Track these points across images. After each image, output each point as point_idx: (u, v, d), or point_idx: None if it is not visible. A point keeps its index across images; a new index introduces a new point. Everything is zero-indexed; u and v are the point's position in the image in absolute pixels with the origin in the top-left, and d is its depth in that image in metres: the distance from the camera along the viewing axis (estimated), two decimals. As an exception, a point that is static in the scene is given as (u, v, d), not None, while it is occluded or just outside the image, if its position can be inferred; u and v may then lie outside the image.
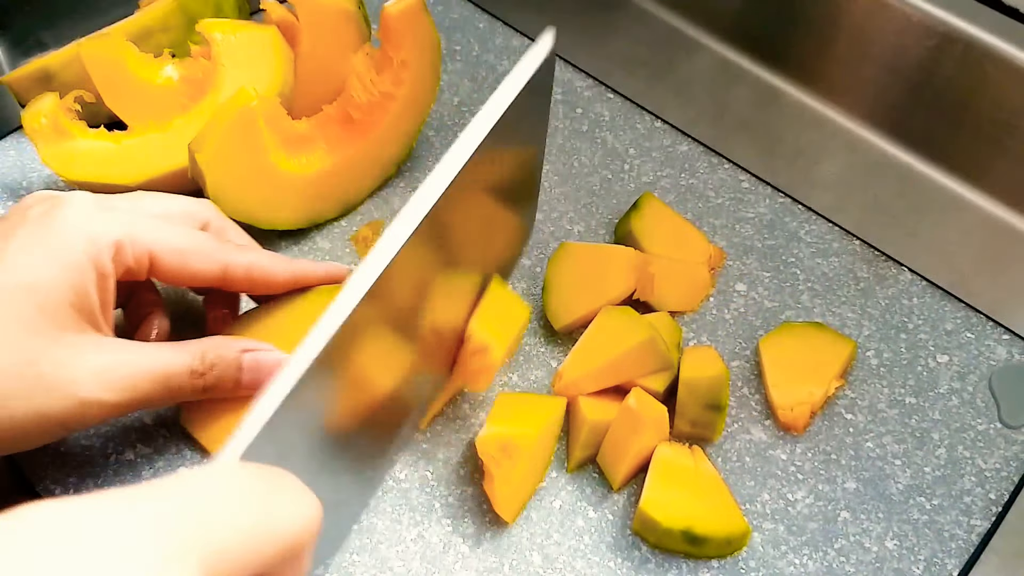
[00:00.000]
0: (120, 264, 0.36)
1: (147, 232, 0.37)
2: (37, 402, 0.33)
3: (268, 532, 0.22)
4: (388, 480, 0.44)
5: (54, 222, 0.35)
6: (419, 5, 0.50)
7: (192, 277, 0.39)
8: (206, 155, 0.45)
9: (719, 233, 0.54)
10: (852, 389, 0.48)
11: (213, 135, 0.45)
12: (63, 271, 0.34)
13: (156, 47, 0.53)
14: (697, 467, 0.43)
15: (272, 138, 0.48)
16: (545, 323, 0.49)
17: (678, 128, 0.59)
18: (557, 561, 0.42)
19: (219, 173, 0.46)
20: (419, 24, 0.50)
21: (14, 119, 0.55)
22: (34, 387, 0.33)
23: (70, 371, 0.34)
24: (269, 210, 0.49)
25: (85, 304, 0.35)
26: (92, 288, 0.35)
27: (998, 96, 0.53)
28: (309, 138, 0.51)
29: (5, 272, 0.33)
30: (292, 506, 0.23)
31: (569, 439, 0.45)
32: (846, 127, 0.60)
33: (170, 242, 0.38)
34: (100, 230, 0.35)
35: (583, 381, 0.44)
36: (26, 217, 0.35)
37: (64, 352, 0.34)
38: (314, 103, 0.52)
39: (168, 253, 0.38)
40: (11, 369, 0.33)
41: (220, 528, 0.21)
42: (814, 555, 0.42)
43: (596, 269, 0.48)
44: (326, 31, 0.53)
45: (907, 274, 0.53)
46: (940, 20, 0.53)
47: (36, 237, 0.34)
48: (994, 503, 0.44)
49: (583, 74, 0.61)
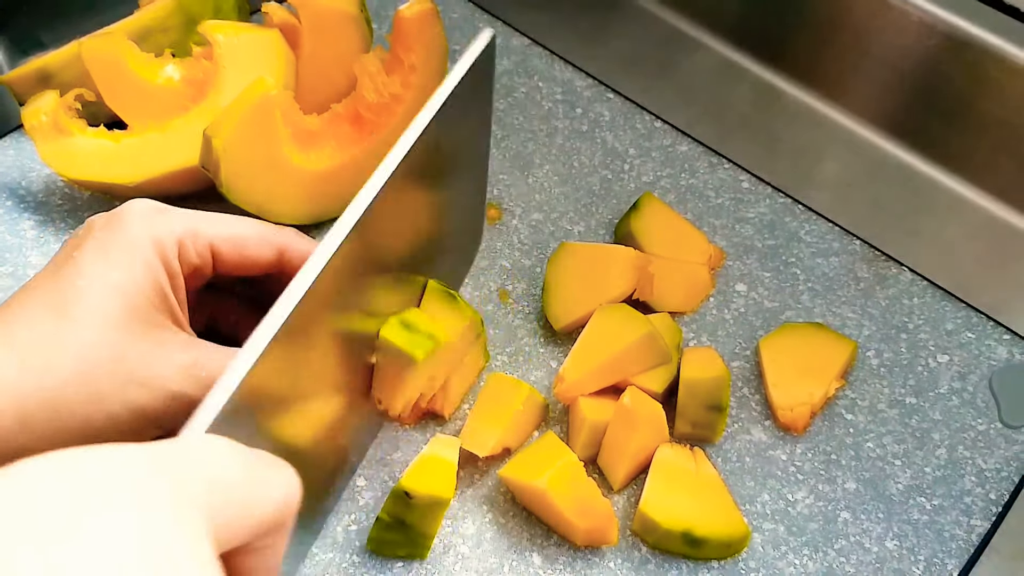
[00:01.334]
0: (186, 263, 0.37)
1: (207, 226, 0.38)
2: (131, 397, 0.34)
3: (259, 496, 0.23)
4: (388, 482, 0.44)
5: (120, 227, 0.35)
6: (433, 11, 0.51)
7: (252, 264, 0.39)
8: (222, 140, 0.44)
9: (719, 233, 0.54)
10: (852, 389, 0.48)
11: (231, 121, 0.44)
12: (140, 270, 0.35)
13: (156, 47, 0.52)
14: (698, 469, 0.43)
15: (285, 131, 0.48)
16: (545, 323, 0.49)
17: (678, 128, 0.59)
18: (557, 562, 0.42)
19: (234, 160, 0.45)
20: (431, 29, 0.51)
21: (14, 118, 0.55)
22: (127, 383, 0.34)
23: (160, 367, 0.34)
24: (279, 202, 0.49)
25: (165, 303, 0.36)
26: (167, 287, 0.36)
27: (999, 95, 0.53)
28: (319, 134, 0.51)
29: (83, 278, 0.34)
30: (275, 476, 0.24)
31: (569, 440, 0.45)
32: (847, 127, 0.60)
33: (230, 231, 0.38)
34: (163, 230, 0.36)
35: (584, 382, 0.44)
36: (91, 229, 0.36)
37: (152, 348, 0.34)
38: (315, 106, 0.52)
39: (228, 244, 0.38)
40: (104, 366, 0.33)
41: (221, 485, 0.21)
42: (814, 555, 0.42)
43: (596, 270, 0.48)
44: (328, 34, 0.52)
45: (907, 274, 0.52)
46: (941, 20, 0.53)
47: (107, 243, 0.35)
48: (994, 503, 0.44)
49: (583, 74, 0.61)
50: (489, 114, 0.45)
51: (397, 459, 0.44)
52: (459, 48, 0.63)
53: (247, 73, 0.49)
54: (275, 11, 0.52)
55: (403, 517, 0.40)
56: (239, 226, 0.39)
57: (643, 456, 0.43)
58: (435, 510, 0.40)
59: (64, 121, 0.48)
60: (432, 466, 0.40)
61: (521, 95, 0.60)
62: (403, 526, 0.40)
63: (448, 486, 0.40)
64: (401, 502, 0.39)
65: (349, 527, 0.42)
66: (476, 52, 0.39)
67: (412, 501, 0.39)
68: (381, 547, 0.41)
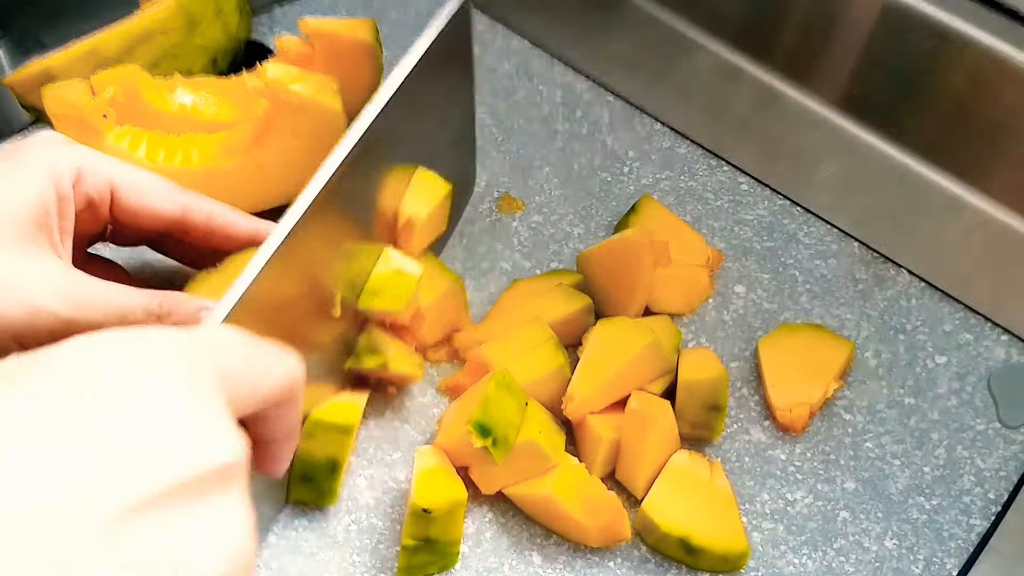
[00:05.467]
0: (81, 193, 0.37)
1: (109, 164, 0.39)
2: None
3: (263, 372, 0.26)
4: (388, 482, 0.44)
5: (21, 147, 0.37)
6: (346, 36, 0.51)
7: (152, 215, 0.39)
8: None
9: (718, 235, 0.54)
10: (851, 390, 0.48)
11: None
12: (23, 185, 0.35)
13: (156, 48, 0.53)
14: (712, 480, 0.43)
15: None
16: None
17: (677, 130, 0.59)
18: (557, 561, 0.42)
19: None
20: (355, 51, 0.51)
21: (16, 120, 0.55)
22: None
23: (24, 277, 0.35)
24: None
25: (45, 222, 0.36)
26: (52, 208, 0.36)
27: (997, 97, 0.53)
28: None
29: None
30: (280, 356, 0.27)
31: (584, 460, 0.44)
32: (845, 129, 0.60)
33: (131, 176, 0.39)
34: (62, 156, 0.37)
35: (594, 399, 0.43)
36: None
37: (20, 259, 0.35)
38: None
39: (129, 185, 0.39)
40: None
41: (232, 360, 0.25)
42: (813, 555, 0.42)
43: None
44: (343, 64, 0.52)
45: (906, 275, 0.53)
46: (939, 21, 0.54)
47: (5, 156, 0.37)
48: (993, 503, 0.44)
49: (582, 76, 0.62)
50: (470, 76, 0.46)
51: (397, 459, 0.44)
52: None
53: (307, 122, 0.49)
54: (290, 44, 0.52)
55: (427, 534, 0.40)
56: (144, 175, 0.40)
57: (661, 459, 0.43)
58: (455, 514, 0.40)
59: (94, 119, 0.48)
60: (434, 477, 0.40)
61: (521, 98, 0.60)
62: (429, 543, 0.40)
63: (458, 487, 0.40)
64: (422, 520, 0.39)
65: (349, 527, 0.42)
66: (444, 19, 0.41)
67: (432, 515, 0.39)
68: (413, 573, 0.41)
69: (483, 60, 0.63)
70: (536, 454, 0.41)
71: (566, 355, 0.45)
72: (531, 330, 0.45)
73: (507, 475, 0.42)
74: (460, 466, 0.42)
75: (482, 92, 0.61)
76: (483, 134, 0.58)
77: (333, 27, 0.52)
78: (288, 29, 0.63)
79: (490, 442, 0.39)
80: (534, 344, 0.44)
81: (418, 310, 0.45)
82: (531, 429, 0.41)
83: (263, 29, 0.62)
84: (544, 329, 0.45)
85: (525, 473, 0.42)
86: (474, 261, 0.52)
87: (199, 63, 0.56)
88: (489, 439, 0.39)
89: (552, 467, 0.42)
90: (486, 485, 0.42)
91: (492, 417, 0.39)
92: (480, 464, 0.42)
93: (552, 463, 0.41)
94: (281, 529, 0.42)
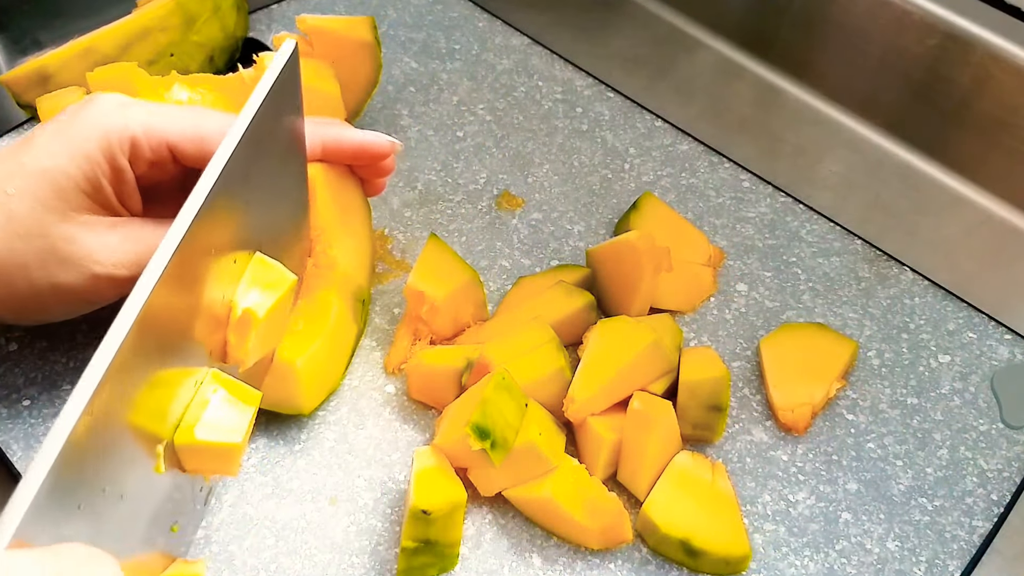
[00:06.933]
0: (139, 160, 0.38)
1: (163, 123, 0.39)
2: (52, 272, 0.37)
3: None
4: (387, 483, 0.44)
5: (76, 118, 0.38)
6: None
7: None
8: None
9: (720, 233, 0.54)
10: (853, 390, 0.48)
11: None
12: (76, 160, 0.37)
13: (154, 46, 0.52)
14: (714, 482, 0.42)
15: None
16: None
17: (678, 127, 0.59)
18: (557, 562, 0.41)
19: None
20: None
21: (12, 118, 0.55)
22: (47, 259, 0.37)
23: (81, 247, 0.37)
24: None
25: (99, 195, 0.38)
26: (105, 181, 0.38)
27: (999, 94, 0.53)
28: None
29: (29, 156, 0.37)
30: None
31: (585, 462, 0.43)
32: (847, 126, 0.60)
33: (186, 130, 0.39)
34: (116, 128, 0.38)
35: (595, 400, 0.43)
36: (61, 114, 0.39)
37: (76, 229, 0.37)
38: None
39: (185, 141, 0.39)
40: (28, 242, 0.36)
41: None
42: (815, 556, 0.42)
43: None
44: (343, 62, 0.52)
45: (909, 274, 0.52)
46: (941, 18, 0.53)
47: (60, 130, 0.38)
48: (996, 504, 0.44)
49: (583, 73, 0.61)
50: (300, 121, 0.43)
51: (396, 459, 0.44)
52: (459, 47, 0.63)
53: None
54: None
55: (426, 536, 0.39)
56: (201, 120, 0.39)
57: (663, 460, 0.43)
58: (455, 516, 0.40)
59: None
60: (433, 478, 0.40)
61: (521, 94, 0.60)
62: (428, 544, 0.40)
63: (458, 488, 0.40)
64: (421, 522, 0.39)
65: (348, 528, 0.42)
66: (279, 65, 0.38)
67: (431, 516, 0.39)
68: (413, 575, 0.40)
69: (483, 57, 0.63)
70: (535, 456, 0.41)
71: (567, 356, 0.45)
72: (532, 331, 0.45)
73: (506, 477, 0.41)
74: (459, 467, 0.42)
75: (482, 89, 0.61)
76: (483, 131, 0.58)
77: (331, 24, 0.52)
78: (286, 27, 0.63)
79: (488, 444, 0.39)
80: (534, 345, 0.44)
81: (433, 304, 0.45)
82: (531, 431, 0.40)
83: (261, 27, 0.62)
84: (545, 330, 0.45)
85: (524, 475, 0.41)
86: (473, 259, 0.52)
87: (196, 61, 0.55)
88: (487, 441, 0.39)
89: (552, 469, 0.41)
90: (485, 487, 0.42)
91: (491, 419, 0.39)
92: (479, 466, 0.42)
93: (552, 465, 0.41)
94: (280, 530, 0.42)
